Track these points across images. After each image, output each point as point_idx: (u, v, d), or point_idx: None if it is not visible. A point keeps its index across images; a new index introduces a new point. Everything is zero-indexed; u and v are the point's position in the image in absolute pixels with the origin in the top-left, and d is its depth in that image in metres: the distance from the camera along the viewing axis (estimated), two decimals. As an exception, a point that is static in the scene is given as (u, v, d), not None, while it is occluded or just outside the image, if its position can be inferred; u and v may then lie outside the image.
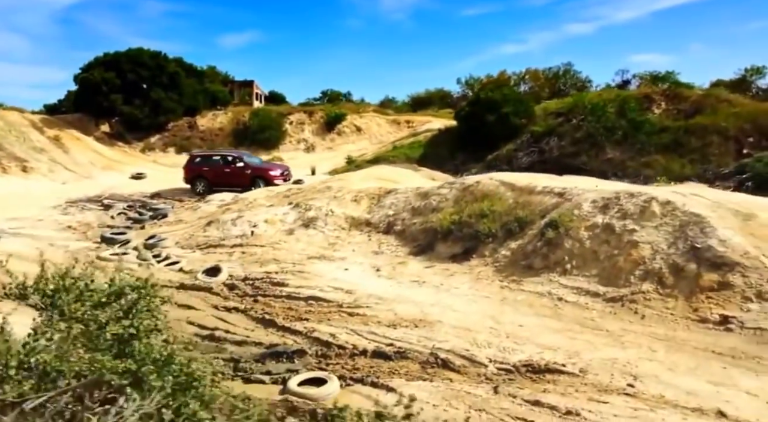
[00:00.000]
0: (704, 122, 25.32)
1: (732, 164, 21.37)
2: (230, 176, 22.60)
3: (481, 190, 11.28)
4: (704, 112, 27.07)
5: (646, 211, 8.23)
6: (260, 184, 21.03)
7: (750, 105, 27.51)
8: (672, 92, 31.74)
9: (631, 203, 8.46)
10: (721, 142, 23.59)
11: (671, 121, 27.82)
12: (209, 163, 23.73)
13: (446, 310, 7.88)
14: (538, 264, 8.56)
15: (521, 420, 5.01)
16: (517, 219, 9.72)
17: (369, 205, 13.90)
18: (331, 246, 12.22)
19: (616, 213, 8.49)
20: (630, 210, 8.37)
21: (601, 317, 7.09)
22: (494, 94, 35.02)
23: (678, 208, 8.00)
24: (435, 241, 10.82)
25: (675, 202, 8.11)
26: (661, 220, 8.00)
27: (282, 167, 23.75)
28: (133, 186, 28.40)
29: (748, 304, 6.48)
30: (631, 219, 8.23)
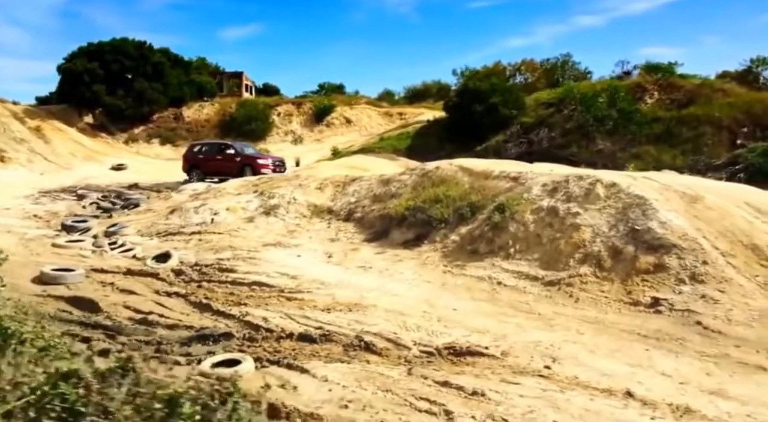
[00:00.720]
0: (697, 112, 24.96)
1: (725, 155, 21.06)
2: (221, 165, 22.28)
3: (439, 175, 11.11)
4: (698, 102, 26.70)
5: (590, 193, 8.07)
6: (248, 172, 20.45)
7: (745, 94, 27.09)
8: (666, 82, 31.38)
9: (577, 186, 8.30)
10: (714, 133, 23.27)
11: (664, 111, 27.48)
12: (204, 153, 23.53)
13: (384, 295, 7.72)
14: (483, 249, 8.40)
15: (425, 400, 4.84)
16: (469, 204, 9.55)
17: (333, 193, 13.73)
18: (290, 233, 12.05)
19: (561, 197, 8.33)
20: (575, 193, 8.21)
21: (536, 301, 6.94)
22: (482, 83, 34.68)
23: (623, 190, 7.84)
24: (390, 228, 10.65)
25: (620, 184, 7.95)
26: (605, 203, 7.85)
27: (274, 158, 23.22)
28: (112, 177, 28.23)
29: (680, 286, 6.33)
30: (575, 202, 8.07)
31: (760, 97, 26.47)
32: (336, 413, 4.76)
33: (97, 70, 36.90)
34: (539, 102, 35.16)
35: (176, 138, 39.10)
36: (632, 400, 4.69)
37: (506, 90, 33.80)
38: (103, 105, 37.36)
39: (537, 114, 31.83)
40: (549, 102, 33.35)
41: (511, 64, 52.45)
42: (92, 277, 9.30)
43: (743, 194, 8.11)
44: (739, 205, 7.61)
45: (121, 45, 38.94)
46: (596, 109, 27.26)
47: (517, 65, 53.04)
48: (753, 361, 5.12)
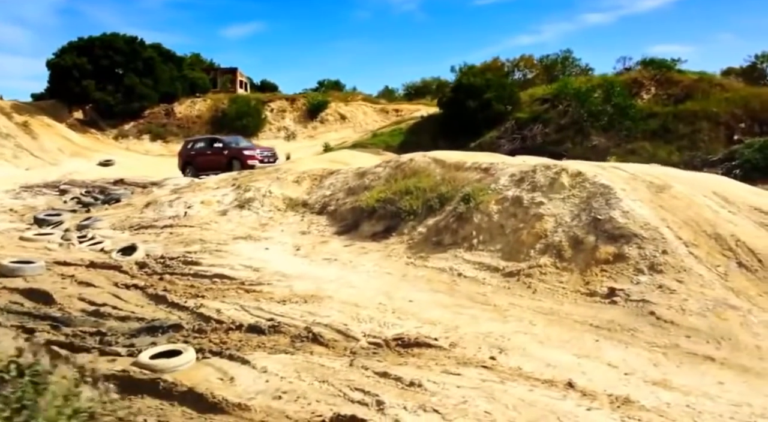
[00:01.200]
0: (694, 107, 24.67)
1: (721, 151, 20.78)
2: (211, 160, 21.62)
3: (412, 167, 10.94)
4: (695, 97, 26.40)
5: (555, 183, 7.90)
6: (236, 165, 19.77)
7: (743, 89, 26.78)
8: (663, 77, 31.04)
9: (542, 175, 8.12)
10: (711, 128, 22.99)
11: (660, 106, 27.18)
12: (196, 149, 22.91)
13: (343, 286, 7.55)
14: (448, 240, 8.23)
15: (360, 390, 4.68)
16: (439, 195, 9.38)
17: (310, 186, 13.56)
18: (262, 226, 11.88)
19: (527, 187, 8.15)
20: (540, 182, 8.03)
21: (493, 292, 6.77)
22: (476, 79, 34.42)
23: (588, 179, 7.66)
24: (361, 220, 10.49)
25: (585, 173, 7.77)
26: (570, 192, 7.67)
27: (263, 149, 22.29)
28: (99, 172, 28.01)
29: (639, 276, 6.16)
30: (540, 192, 7.89)
31: (758, 92, 26.16)
32: (267, 404, 4.60)
33: (86, 66, 36.68)
34: (534, 98, 34.88)
35: (167, 134, 38.91)
36: (572, 391, 4.52)
37: (500, 85, 33.51)
38: (93, 100, 37.15)
39: (532, 110, 31.58)
40: (544, 98, 33.08)
41: (510, 61, 51.81)
42: (53, 270, 9.13)
43: (712, 184, 7.93)
44: (707, 195, 7.43)
45: (112, 40, 38.71)
46: (591, 105, 27.01)
47: (515, 61, 52.44)
48: (702, 351, 4.95)
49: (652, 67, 32.24)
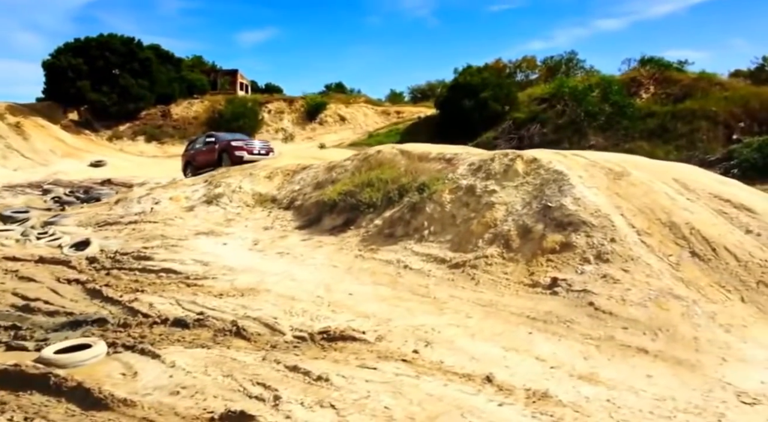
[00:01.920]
0: (693, 107, 24.19)
1: (720, 150, 20.32)
2: (205, 157, 20.30)
3: (378, 159, 10.59)
4: (694, 96, 25.89)
5: (509, 170, 7.51)
6: (226, 159, 18.38)
7: (742, 88, 26.26)
8: (661, 76, 30.42)
9: (498, 163, 7.74)
10: (709, 127, 22.56)
11: (659, 105, 26.66)
12: (195, 148, 21.65)
13: (285, 280, 7.22)
14: (400, 232, 7.87)
15: (261, 385, 4.33)
16: (399, 187, 9.02)
17: (282, 182, 13.25)
18: (227, 222, 11.57)
19: (482, 175, 7.77)
20: (495, 170, 7.66)
21: (436, 284, 6.40)
22: (473, 78, 33.96)
23: (543, 166, 7.27)
24: (323, 214, 10.15)
25: (541, 159, 7.39)
26: (524, 179, 7.29)
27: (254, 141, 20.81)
28: (88, 173, 27.89)
29: (584, 266, 5.77)
30: (494, 180, 7.52)
31: (757, 91, 25.64)
32: (159, 400, 4.28)
33: (81, 66, 36.60)
34: (533, 98, 34.38)
35: (162, 135, 38.78)
36: (489, 386, 4.16)
37: (497, 85, 32.99)
38: (88, 101, 37.04)
39: (530, 109, 31.12)
40: (542, 97, 32.59)
41: (512, 62, 51.06)
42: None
43: (675, 171, 7.52)
44: (667, 182, 7.03)
45: (108, 41, 38.62)
46: (588, 104, 26.56)
47: (517, 63, 51.71)
48: (636, 343, 4.56)
49: (651, 65, 31.67)
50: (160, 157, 35.36)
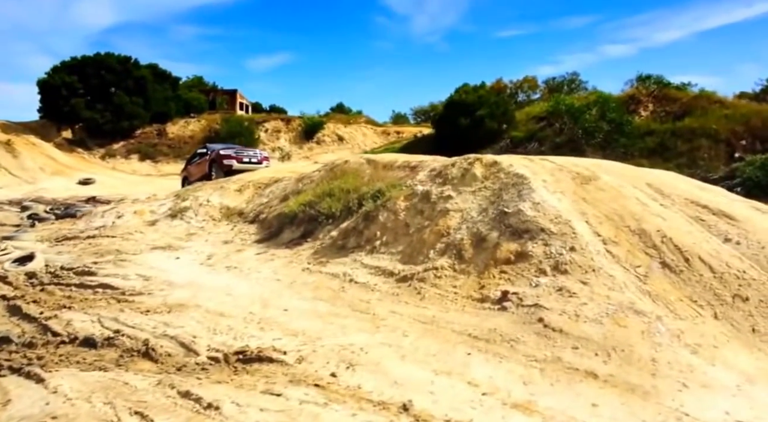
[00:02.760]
0: (693, 125, 23.71)
1: (722, 169, 19.73)
2: (198, 169, 19.35)
3: (343, 169, 9.99)
4: (694, 114, 25.40)
5: (467, 174, 6.87)
6: (215, 170, 17.30)
7: (743, 106, 25.80)
8: (660, 94, 29.83)
9: (456, 167, 7.11)
10: (711, 145, 22.09)
11: (658, 123, 26.15)
12: (192, 161, 20.68)
13: (221, 295, 6.57)
14: (352, 243, 7.22)
15: (139, 414, 3.68)
16: (359, 196, 8.39)
17: (252, 195, 12.66)
18: (188, 236, 10.95)
19: (439, 180, 7.13)
20: (452, 174, 7.02)
21: (379, 299, 5.73)
22: (469, 96, 33.44)
23: (503, 169, 6.63)
24: (284, 227, 9.53)
25: (501, 163, 6.75)
26: (482, 184, 6.65)
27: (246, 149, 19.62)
28: (75, 190, 27.45)
29: (539, 278, 5.10)
30: (450, 185, 6.88)
31: (759, 109, 25.17)
32: (19, 431, 3.60)
33: (76, 84, 36.45)
34: (531, 116, 33.83)
35: (157, 154, 38.45)
36: (404, 415, 3.50)
37: (494, 103, 32.46)
38: (82, 119, 36.80)
39: (528, 128, 30.68)
40: (540, 116, 32.05)
41: (513, 82, 50.70)
42: (-72, 280, 8.24)
43: (649, 176, 6.86)
44: (639, 186, 6.37)
45: (104, 59, 38.54)
46: (585, 122, 26.04)
47: (518, 83, 51.37)
48: (585, 366, 3.87)
49: (650, 83, 31.10)
50: (153, 176, 34.97)
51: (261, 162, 17.85)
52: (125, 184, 30.66)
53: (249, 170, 16.77)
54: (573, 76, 45.59)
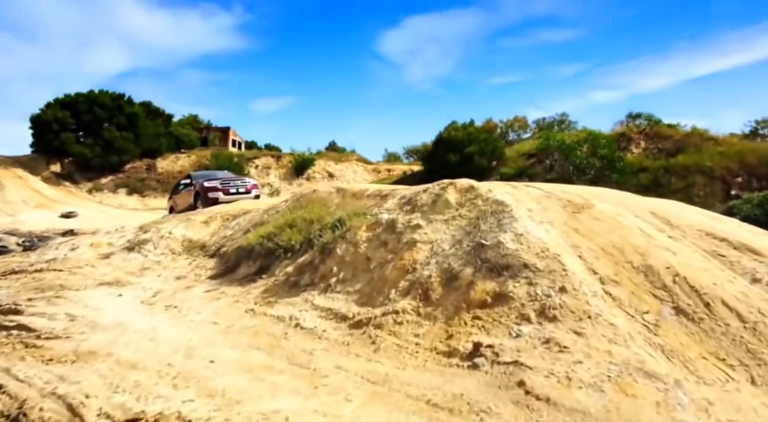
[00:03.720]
0: (687, 162, 23.15)
1: (719, 206, 18.95)
2: (182, 200, 17.81)
3: (310, 198, 8.98)
4: (687, 151, 24.84)
5: (438, 200, 5.84)
6: (200, 202, 15.81)
7: (737, 144, 25.30)
8: (652, 131, 29.27)
9: (427, 193, 6.08)
10: (706, 183, 21.47)
11: (651, 160, 25.58)
12: (178, 191, 19.08)
13: (143, 340, 5.46)
14: (306, 280, 6.14)
15: None
16: (322, 227, 7.34)
17: (218, 227, 11.62)
18: (141, 270, 9.86)
19: (408, 208, 6.10)
20: (423, 201, 5.98)
21: (326, 350, 4.62)
22: (458, 133, 32.83)
23: (481, 195, 5.61)
24: (241, 261, 8.46)
25: (478, 188, 5.73)
26: (456, 212, 5.61)
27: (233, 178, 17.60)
28: (56, 223, 26.51)
29: (521, 326, 4.01)
30: (419, 213, 5.84)
31: (753, 146, 24.62)
32: None
33: (68, 119, 35.90)
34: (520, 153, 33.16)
35: (145, 188, 37.61)
36: None
37: (483, 140, 31.88)
38: (72, 154, 36.11)
39: (518, 165, 30.12)
40: (530, 153, 31.42)
41: (503, 122, 50.50)
42: None
43: (653, 204, 5.83)
44: (642, 216, 5.33)
45: (98, 96, 38.11)
46: (576, 158, 25.40)
47: (508, 122, 51.12)
48: (577, 455, 2.75)
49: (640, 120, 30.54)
50: (139, 210, 34.01)
51: (249, 191, 16.49)
52: (109, 218, 29.64)
53: (237, 201, 15.68)
54: (562, 116, 45.21)
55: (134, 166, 39.59)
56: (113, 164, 37.20)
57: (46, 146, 36.34)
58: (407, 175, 36.34)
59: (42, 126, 36.33)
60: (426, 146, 59.85)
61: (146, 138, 38.40)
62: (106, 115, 37.44)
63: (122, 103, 39.03)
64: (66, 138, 35.38)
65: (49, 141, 35.93)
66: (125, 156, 37.36)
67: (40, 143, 36.53)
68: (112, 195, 36.04)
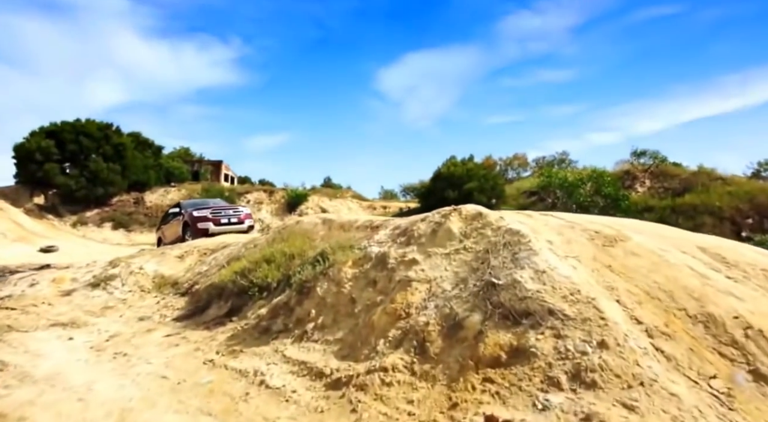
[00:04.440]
0: (694, 201, 22.43)
1: None
2: (171, 231, 16.36)
3: (292, 230, 8.01)
4: (694, 190, 24.17)
5: (439, 230, 4.88)
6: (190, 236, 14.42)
7: (746, 183, 24.63)
8: (657, 169, 28.68)
9: (425, 222, 5.13)
10: (715, 224, 20.70)
11: (657, 200, 24.91)
12: (166, 221, 17.54)
13: (70, 400, 4.40)
14: (279, 325, 5.13)
15: None
16: (303, 262, 6.35)
17: (195, 262, 10.59)
18: (103, 310, 8.79)
19: (402, 239, 5.13)
20: (420, 231, 5.02)
21: (292, 419, 3.57)
22: (456, 169, 32.14)
23: (490, 224, 4.65)
24: (212, 300, 7.43)
25: (487, 216, 4.78)
26: (460, 244, 4.64)
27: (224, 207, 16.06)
28: (34, 258, 25.29)
29: (549, 394, 3.00)
30: (416, 245, 4.87)
31: (763, 186, 23.91)
32: None
33: (51, 149, 34.94)
34: (521, 191, 32.50)
35: (131, 223, 36.47)
36: None
37: (483, 176, 31.23)
38: (55, 185, 35.06)
39: (519, 203, 29.51)
40: (531, 191, 30.77)
41: (503, 159, 49.92)
42: None
43: (697, 239, 4.90)
44: (688, 251, 4.38)
45: (84, 126, 37.31)
46: (579, 196, 24.70)
47: (508, 160, 50.61)
48: None
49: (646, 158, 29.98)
50: (123, 245, 32.81)
51: (243, 221, 15.22)
52: (90, 253, 28.42)
53: (230, 232, 14.56)
54: (563, 155, 44.56)
55: (121, 199, 38.55)
56: (99, 197, 36.12)
57: (29, 177, 35.27)
58: (403, 212, 35.50)
59: (25, 155, 35.30)
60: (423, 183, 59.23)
61: (134, 170, 37.45)
62: (93, 145, 36.52)
63: (110, 132, 38.19)
64: (50, 168, 34.35)
65: (33, 171, 34.87)
66: (112, 188, 36.31)
67: (23, 173, 35.45)
68: (97, 229, 34.87)
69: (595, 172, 27.71)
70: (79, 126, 37.00)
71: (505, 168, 50.16)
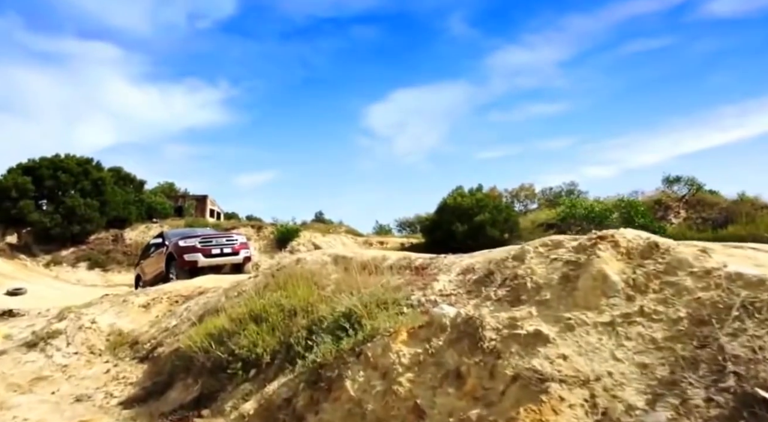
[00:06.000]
0: (740, 233, 20.33)
1: None
2: (152, 266, 13.98)
3: (292, 272, 5.81)
4: (737, 221, 22.09)
5: (578, 276, 2.73)
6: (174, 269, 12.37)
7: (796, 212, 22.57)
8: (693, 198, 26.60)
9: (538, 260, 2.98)
10: None
11: (695, 231, 22.79)
12: (147, 254, 14.93)
13: None
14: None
15: None
16: (311, 322, 4.15)
17: (164, 312, 8.34)
18: (33, 382, 6.54)
19: (496, 291, 2.98)
20: (537, 277, 2.86)
21: None
22: (464, 200, 29.90)
23: (687, 265, 2.53)
24: (176, 376, 5.18)
25: (677, 250, 2.65)
26: (630, 305, 2.49)
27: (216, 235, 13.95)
28: None
29: None
30: (534, 305, 2.69)
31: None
32: None
33: (27, 185, 32.70)
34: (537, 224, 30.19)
35: (109, 262, 33.95)
36: None
37: (495, 208, 28.92)
38: (29, 223, 32.66)
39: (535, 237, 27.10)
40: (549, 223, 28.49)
41: (508, 190, 47.12)
42: None
43: None
44: None
45: (63, 161, 35.20)
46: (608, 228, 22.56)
47: (514, 191, 47.81)
48: None
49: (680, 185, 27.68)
50: (99, 286, 30.28)
51: (238, 252, 12.85)
52: (61, 296, 25.89)
53: (222, 265, 12.28)
54: (571, 186, 42.20)
55: (99, 236, 36.07)
56: (75, 234, 33.69)
57: (2, 215, 32.95)
58: (405, 248, 33.22)
59: (0, 193, 33.06)
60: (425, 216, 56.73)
61: (114, 205, 35.13)
62: (71, 180, 34.33)
63: (89, 167, 36.02)
64: (24, 205, 32.04)
65: (7, 209, 32.57)
66: (89, 225, 33.89)
67: (-2, 212, 33.13)
68: (72, 269, 32.34)
69: (622, 202, 25.67)
70: (58, 161, 34.91)
71: (512, 199, 47.29)
